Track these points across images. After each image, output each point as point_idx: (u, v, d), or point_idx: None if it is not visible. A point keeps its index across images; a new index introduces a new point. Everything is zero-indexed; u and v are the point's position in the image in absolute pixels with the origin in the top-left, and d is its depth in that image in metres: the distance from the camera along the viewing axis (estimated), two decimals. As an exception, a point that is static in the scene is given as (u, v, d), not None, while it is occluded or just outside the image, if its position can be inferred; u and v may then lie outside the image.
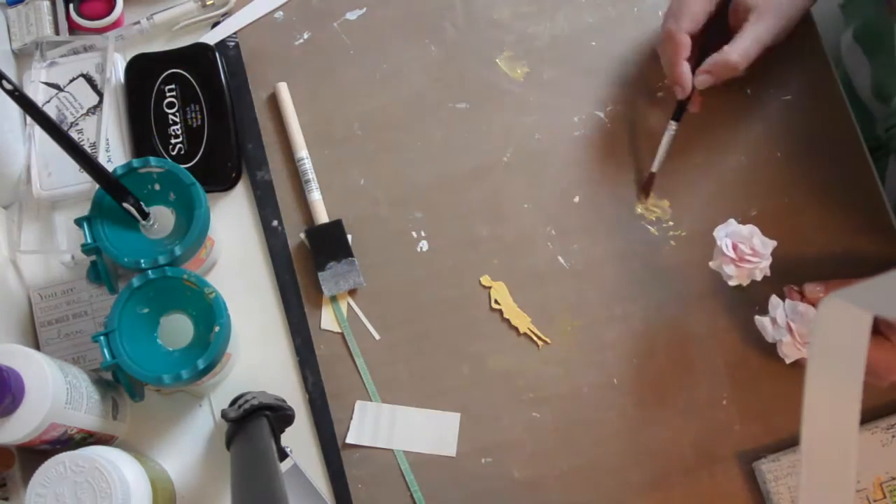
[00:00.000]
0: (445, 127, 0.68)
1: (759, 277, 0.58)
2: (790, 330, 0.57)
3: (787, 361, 0.58)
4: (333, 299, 0.64)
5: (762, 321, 0.59)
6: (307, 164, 0.67)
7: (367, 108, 0.68)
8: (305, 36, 0.70)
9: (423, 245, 0.66)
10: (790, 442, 0.61)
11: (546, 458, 0.61)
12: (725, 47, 0.60)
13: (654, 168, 0.64)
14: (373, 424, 0.62)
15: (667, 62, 0.62)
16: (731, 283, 0.58)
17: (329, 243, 0.65)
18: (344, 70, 0.69)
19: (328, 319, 0.64)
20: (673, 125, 0.64)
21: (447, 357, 0.63)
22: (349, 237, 0.65)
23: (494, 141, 0.68)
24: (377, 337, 0.64)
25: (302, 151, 0.67)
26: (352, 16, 0.71)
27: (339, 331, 0.64)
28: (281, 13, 0.71)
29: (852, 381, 0.33)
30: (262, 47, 0.70)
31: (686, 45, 0.60)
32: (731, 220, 0.59)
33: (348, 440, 0.62)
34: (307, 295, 0.65)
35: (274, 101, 0.69)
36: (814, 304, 0.58)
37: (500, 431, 0.62)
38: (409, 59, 0.69)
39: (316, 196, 0.66)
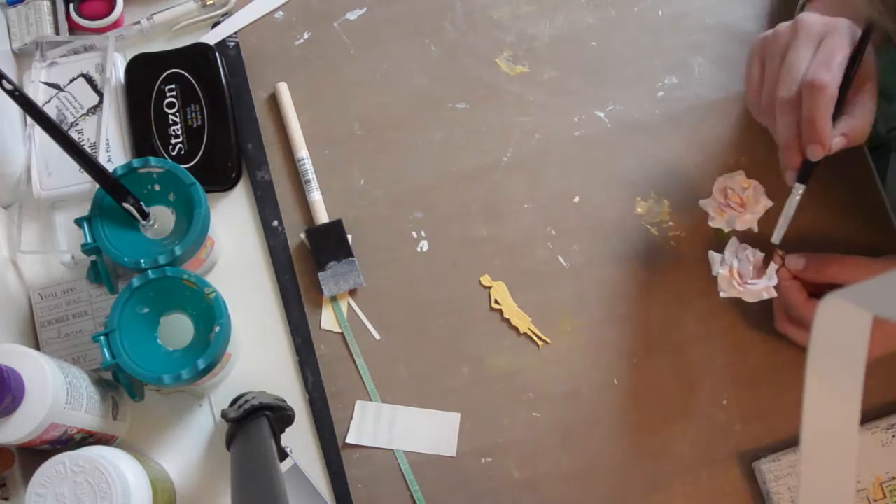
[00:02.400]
0: (445, 127, 0.68)
1: (739, 228, 0.61)
2: (730, 266, 0.60)
3: (721, 295, 0.59)
4: (333, 299, 0.64)
5: (713, 255, 0.61)
6: (307, 164, 0.67)
7: (367, 108, 0.68)
8: (305, 36, 0.70)
9: (423, 245, 0.66)
10: (790, 442, 0.61)
11: (546, 458, 0.61)
12: (858, 113, 0.53)
13: (775, 239, 0.58)
14: (373, 424, 0.62)
15: (809, 116, 0.52)
16: (712, 224, 0.61)
17: (329, 243, 0.65)
18: (344, 70, 0.69)
19: (328, 319, 0.64)
20: (800, 188, 0.56)
21: (447, 357, 0.63)
22: (349, 237, 0.65)
23: (494, 141, 0.68)
24: (377, 337, 0.64)
25: (302, 151, 0.67)
26: (352, 16, 0.71)
27: (339, 331, 0.64)
28: (281, 13, 0.71)
29: (852, 381, 0.33)
30: (262, 47, 0.70)
31: (835, 99, 0.51)
32: (741, 171, 0.62)
33: (348, 440, 0.62)
34: (307, 295, 0.65)
35: (274, 101, 0.69)
36: (792, 275, 0.59)
37: (500, 431, 0.62)
38: (409, 59, 0.69)
39: (316, 196, 0.66)
